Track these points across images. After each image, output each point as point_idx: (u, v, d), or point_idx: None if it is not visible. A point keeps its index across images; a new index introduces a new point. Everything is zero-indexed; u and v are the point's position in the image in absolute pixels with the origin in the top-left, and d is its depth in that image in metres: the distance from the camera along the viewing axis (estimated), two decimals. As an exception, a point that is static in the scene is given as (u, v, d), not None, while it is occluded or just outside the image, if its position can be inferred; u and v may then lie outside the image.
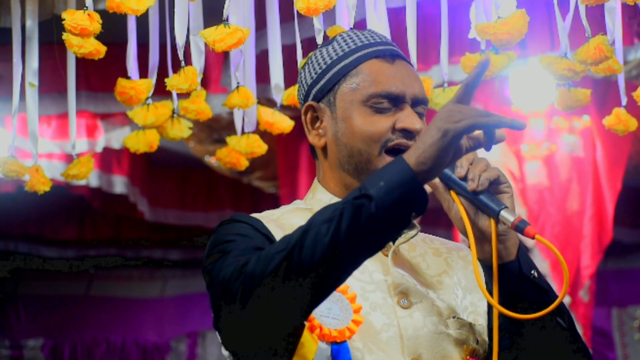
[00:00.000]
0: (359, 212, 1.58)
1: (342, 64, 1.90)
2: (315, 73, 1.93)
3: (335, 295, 1.75)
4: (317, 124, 1.92)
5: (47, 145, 5.25)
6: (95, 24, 2.67)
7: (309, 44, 2.79)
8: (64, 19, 2.66)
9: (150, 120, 3.05)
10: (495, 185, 1.72)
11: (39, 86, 3.09)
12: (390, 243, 1.87)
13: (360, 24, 2.77)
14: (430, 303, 1.82)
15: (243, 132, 3.16)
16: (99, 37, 2.74)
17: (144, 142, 3.11)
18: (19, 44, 3.06)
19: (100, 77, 4.85)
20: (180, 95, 3.05)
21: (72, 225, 7.85)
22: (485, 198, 1.71)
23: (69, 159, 5.10)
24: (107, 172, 6.03)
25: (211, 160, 5.87)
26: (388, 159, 1.83)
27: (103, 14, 2.72)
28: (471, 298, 1.90)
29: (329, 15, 2.79)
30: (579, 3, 2.59)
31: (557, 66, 2.62)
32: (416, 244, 1.93)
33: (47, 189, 3.05)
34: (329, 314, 1.75)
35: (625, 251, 7.52)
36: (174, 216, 7.26)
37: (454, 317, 1.84)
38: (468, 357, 1.83)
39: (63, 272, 8.62)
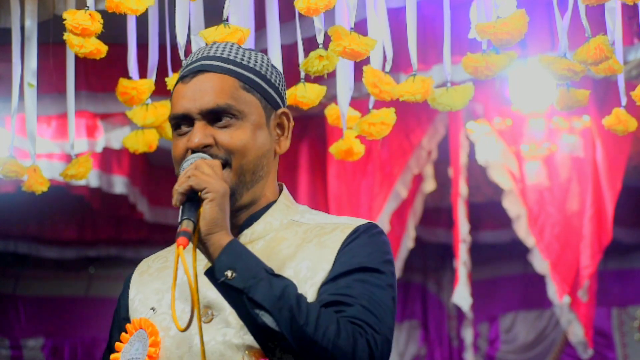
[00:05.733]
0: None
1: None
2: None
3: (140, 333, 1.85)
4: None
5: (47, 145, 5.24)
6: (96, 24, 2.68)
7: (309, 44, 2.79)
8: (65, 19, 2.67)
9: (150, 120, 3.05)
10: (197, 194, 1.81)
11: (39, 86, 3.08)
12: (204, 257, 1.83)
13: (360, 24, 2.77)
14: (227, 313, 1.80)
15: (243, 132, 3.16)
16: (98, 37, 2.74)
17: (143, 142, 3.10)
18: (18, 44, 3.05)
19: (99, 77, 4.84)
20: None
21: (72, 225, 7.84)
22: (183, 211, 1.82)
23: (69, 159, 5.07)
24: (107, 172, 6.02)
25: (211, 160, 5.85)
26: None
27: (102, 14, 2.72)
28: (306, 288, 1.81)
29: (329, 15, 2.79)
30: (579, 3, 2.59)
31: (557, 66, 2.62)
32: (287, 237, 1.88)
33: (45, 189, 3.05)
34: (135, 354, 1.84)
35: (625, 251, 7.51)
36: (174, 216, 7.25)
37: None
38: None
39: (63, 272, 8.61)
